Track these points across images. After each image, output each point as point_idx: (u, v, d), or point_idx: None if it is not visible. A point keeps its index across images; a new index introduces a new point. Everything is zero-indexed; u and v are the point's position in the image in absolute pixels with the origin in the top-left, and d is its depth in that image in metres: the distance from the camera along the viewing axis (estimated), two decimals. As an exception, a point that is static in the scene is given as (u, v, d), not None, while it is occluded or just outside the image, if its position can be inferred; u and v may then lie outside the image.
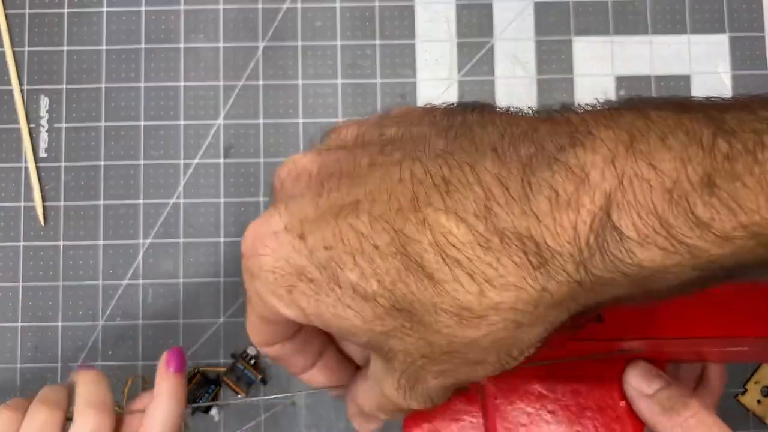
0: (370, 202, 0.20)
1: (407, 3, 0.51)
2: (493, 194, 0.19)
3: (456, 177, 0.19)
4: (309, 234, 0.21)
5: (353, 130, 0.24)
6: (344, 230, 0.20)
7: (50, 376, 0.48)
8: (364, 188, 0.21)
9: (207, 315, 0.48)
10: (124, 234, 0.49)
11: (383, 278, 0.20)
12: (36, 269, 0.48)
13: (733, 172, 0.17)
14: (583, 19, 0.51)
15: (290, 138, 0.50)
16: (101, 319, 0.48)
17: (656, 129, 0.18)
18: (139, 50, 0.50)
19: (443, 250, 0.19)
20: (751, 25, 0.51)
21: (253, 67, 0.50)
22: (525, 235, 0.18)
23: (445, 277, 0.19)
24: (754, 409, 0.48)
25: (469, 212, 0.19)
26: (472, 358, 0.21)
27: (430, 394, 0.23)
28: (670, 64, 0.50)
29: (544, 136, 0.19)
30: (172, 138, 0.50)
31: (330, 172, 0.22)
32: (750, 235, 0.17)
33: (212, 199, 0.49)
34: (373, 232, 0.20)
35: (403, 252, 0.19)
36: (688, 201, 0.17)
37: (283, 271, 0.21)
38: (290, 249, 0.21)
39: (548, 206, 0.18)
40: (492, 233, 0.19)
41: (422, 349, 0.21)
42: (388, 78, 0.50)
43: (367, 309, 0.20)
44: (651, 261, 0.18)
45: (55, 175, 0.49)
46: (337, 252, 0.20)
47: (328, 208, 0.21)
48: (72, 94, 0.50)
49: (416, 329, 0.20)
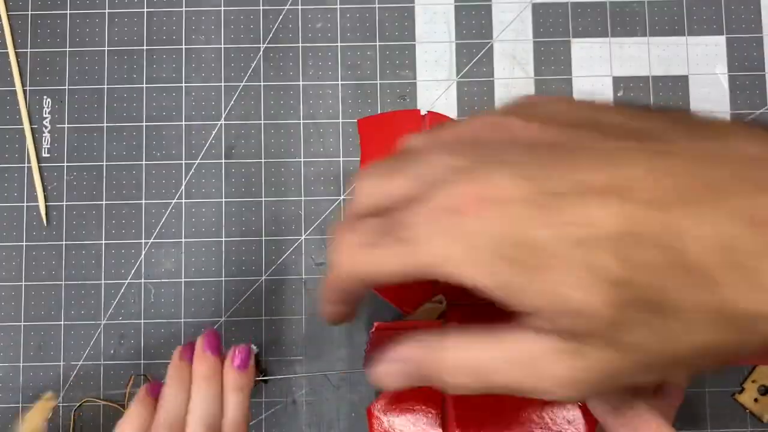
0: (632, 186, 0.19)
1: (407, 4, 0.51)
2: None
3: (729, 177, 0.19)
4: (555, 207, 0.20)
5: (562, 107, 0.23)
6: (602, 210, 0.19)
7: (53, 375, 0.48)
8: (621, 171, 0.19)
9: (208, 314, 0.49)
10: (126, 234, 0.49)
11: (642, 267, 0.19)
12: (38, 269, 0.49)
13: None
14: (582, 20, 0.51)
15: (291, 138, 0.50)
16: (103, 318, 0.49)
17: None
18: (141, 51, 0.50)
19: (722, 249, 0.18)
20: (749, 26, 0.51)
21: (255, 68, 0.50)
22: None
23: (718, 277, 0.18)
24: (751, 407, 0.48)
25: (755, 217, 0.18)
26: (694, 360, 0.20)
27: (595, 389, 0.21)
28: (668, 66, 0.51)
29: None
30: (174, 138, 0.50)
31: (561, 143, 0.21)
32: None
33: (214, 199, 0.49)
34: (639, 218, 0.19)
35: (670, 245, 0.18)
36: None
37: (513, 240, 0.20)
38: (528, 219, 0.20)
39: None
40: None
41: (647, 345, 0.20)
42: (388, 79, 0.50)
43: (613, 295, 0.19)
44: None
45: (58, 176, 0.49)
46: (593, 231, 0.19)
47: (576, 183, 0.20)
48: (74, 95, 0.50)
49: (655, 325, 0.19)
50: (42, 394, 0.44)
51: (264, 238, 0.49)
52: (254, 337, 0.49)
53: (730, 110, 0.51)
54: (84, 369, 0.48)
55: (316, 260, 0.49)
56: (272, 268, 0.49)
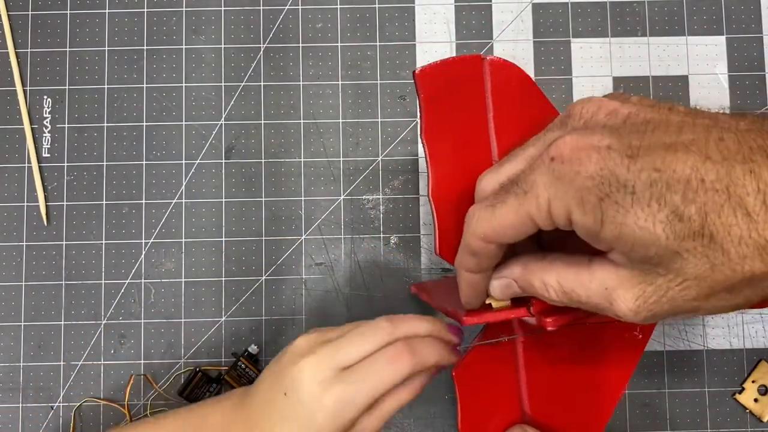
0: (697, 146, 0.25)
1: (407, 4, 0.51)
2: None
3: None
4: (639, 156, 0.25)
5: (640, 98, 0.28)
6: (675, 161, 0.24)
7: (53, 374, 0.48)
8: (688, 135, 0.25)
9: (208, 314, 0.49)
10: (126, 234, 0.49)
11: (701, 206, 0.24)
12: (39, 269, 0.49)
13: None
14: (582, 20, 0.51)
15: (291, 138, 0.50)
16: (103, 318, 0.49)
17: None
18: (141, 51, 0.50)
19: (765, 195, 0.24)
20: (749, 26, 0.51)
21: (255, 67, 0.50)
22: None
23: (760, 216, 0.23)
24: (751, 407, 0.48)
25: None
26: (737, 287, 0.25)
27: (659, 312, 0.26)
28: (668, 66, 0.51)
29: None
30: (174, 138, 0.50)
31: (646, 118, 0.27)
32: None
33: (214, 199, 0.49)
34: (702, 167, 0.24)
35: (725, 190, 0.24)
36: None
37: (604, 179, 0.25)
38: (617, 163, 0.25)
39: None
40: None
41: (702, 272, 0.25)
42: (388, 79, 0.50)
43: (678, 227, 0.24)
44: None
45: (58, 175, 0.49)
46: (666, 175, 0.24)
47: (655, 141, 0.25)
48: (74, 95, 0.50)
49: (710, 254, 0.24)
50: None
51: (264, 238, 0.49)
52: (254, 337, 0.49)
53: (730, 110, 0.51)
54: (84, 369, 0.48)
55: (316, 260, 0.49)
56: (272, 268, 0.49)
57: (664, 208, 0.24)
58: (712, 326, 0.49)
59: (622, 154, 0.25)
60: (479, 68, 0.37)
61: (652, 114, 0.27)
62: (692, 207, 0.24)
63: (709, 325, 0.49)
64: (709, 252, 0.24)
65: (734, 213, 0.24)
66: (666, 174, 0.24)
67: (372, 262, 0.49)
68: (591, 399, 0.39)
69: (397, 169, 0.50)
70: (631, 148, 0.25)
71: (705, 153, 0.24)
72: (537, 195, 0.27)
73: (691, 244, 0.24)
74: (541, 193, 0.27)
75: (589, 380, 0.39)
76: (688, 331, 0.49)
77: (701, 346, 0.49)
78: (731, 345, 0.49)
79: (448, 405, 0.49)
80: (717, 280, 0.25)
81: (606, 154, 0.25)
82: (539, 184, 0.27)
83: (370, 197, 0.50)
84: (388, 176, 0.50)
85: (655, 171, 0.24)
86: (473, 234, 0.30)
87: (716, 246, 0.24)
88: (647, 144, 0.25)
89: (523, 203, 0.27)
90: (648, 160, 0.25)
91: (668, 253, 0.25)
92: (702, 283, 0.25)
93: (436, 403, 0.48)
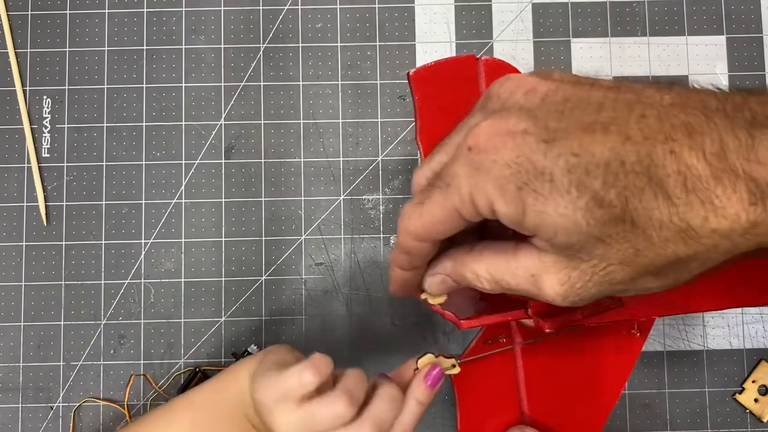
0: (617, 125, 0.24)
1: (407, 4, 0.51)
2: (726, 141, 0.23)
3: (695, 122, 0.23)
4: (556, 140, 0.24)
5: (563, 73, 0.27)
6: (594, 143, 0.23)
7: (53, 375, 0.48)
8: (608, 114, 0.24)
9: (208, 314, 0.49)
10: (126, 234, 0.49)
11: (622, 190, 0.23)
12: (38, 269, 0.49)
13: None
14: (582, 20, 0.51)
15: (291, 138, 0.50)
16: (103, 318, 0.49)
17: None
18: (140, 51, 0.50)
19: (685, 177, 0.23)
20: (749, 26, 0.51)
21: (254, 68, 0.50)
22: (749, 176, 0.23)
23: (681, 200, 0.23)
24: (751, 407, 0.48)
25: (708, 151, 0.23)
26: (663, 270, 0.25)
27: (586, 296, 0.26)
28: (668, 65, 0.51)
29: (756, 106, 0.24)
30: (174, 138, 0.50)
31: (565, 96, 0.25)
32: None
33: (213, 199, 0.49)
34: (622, 149, 0.23)
35: (645, 173, 0.23)
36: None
37: (521, 167, 0.24)
38: (534, 149, 0.24)
39: (767, 155, 0.23)
40: (723, 171, 0.23)
41: (625, 257, 0.24)
42: (388, 79, 0.50)
43: (598, 213, 0.23)
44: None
45: (58, 176, 0.49)
46: (585, 160, 0.23)
47: (574, 122, 0.24)
48: (74, 95, 0.50)
49: (632, 239, 0.24)
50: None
51: (264, 238, 0.49)
52: (254, 337, 0.49)
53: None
54: (84, 369, 0.48)
55: (316, 260, 0.49)
56: (272, 268, 0.49)
57: (584, 195, 0.23)
58: (712, 326, 0.49)
59: (538, 138, 0.24)
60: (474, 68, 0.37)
61: (573, 91, 0.25)
62: (612, 192, 0.23)
63: (709, 325, 0.49)
64: (632, 237, 0.24)
65: (655, 196, 0.23)
66: (584, 158, 0.23)
67: (372, 262, 0.49)
68: (590, 399, 0.39)
69: (397, 169, 0.50)
70: (548, 131, 0.24)
71: (625, 133, 0.23)
72: (459, 187, 0.26)
73: (613, 230, 0.24)
74: (462, 185, 0.25)
75: (587, 380, 0.39)
76: (688, 331, 0.49)
77: (701, 346, 0.49)
78: (731, 345, 0.49)
79: (448, 405, 0.49)
80: (641, 264, 0.24)
81: (522, 139, 0.24)
82: (460, 176, 0.26)
83: (370, 197, 0.50)
84: (388, 176, 0.50)
85: (573, 156, 0.23)
86: (405, 233, 0.29)
87: (638, 231, 0.24)
88: (565, 126, 0.24)
89: (448, 197, 0.26)
90: (565, 144, 0.24)
91: (590, 239, 0.24)
92: (626, 268, 0.25)
93: (436, 403, 0.48)
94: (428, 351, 0.36)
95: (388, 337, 0.49)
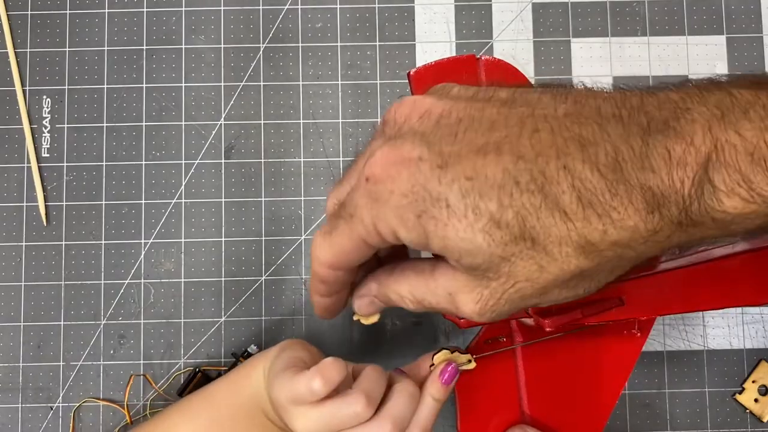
0: (509, 144, 0.23)
1: (407, 4, 0.51)
2: (620, 150, 0.23)
3: (588, 133, 0.23)
4: (450, 165, 0.24)
5: (461, 89, 0.27)
6: (487, 165, 0.23)
7: (52, 375, 0.48)
8: (501, 132, 0.24)
9: (208, 314, 0.49)
10: (125, 234, 0.49)
11: (519, 210, 0.23)
12: (38, 269, 0.49)
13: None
14: (582, 20, 0.51)
15: (291, 138, 0.50)
16: (103, 318, 0.49)
17: (739, 104, 0.23)
18: (140, 51, 0.50)
19: (579, 192, 0.23)
20: (749, 26, 0.51)
21: (254, 67, 0.50)
22: (644, 186, 0.23)
23: (577, 216, 0.23)
24: (751, 407, 0.48)
25: (602, 163, 0.23)
26: (570, 283, 0.25)
27: (502, 311, 0.26)
28: (668, 65, 0.51)
29: (653, 109, 0.23)
30: (174, 138, 0.50)
31: (459, 117, 0.25)
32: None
33: (213, 199, 0.49)
34: (515, 169, 0.23)
35: (541, 190, 0.23)
36: (765, 161, 0.22)
37: (418, 196, 0.24)
38: (428, 177, 0.24)
39: (662, 163, 0.22)
40: (619, 182, 0.23)
41: (531, 274, 0.24)
42: (388, 79, 0.50)
43: (498, 235, 0.23)
44: (734, 208, 0.22)
45: (58, 175, 0.49)
46: (479, 183, 0.23)
47: (467, 144, 0.24)
48: (74, 95, 0.50)
49: (535, 256, 0.24)
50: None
51: (264, 238, 0.49)
52: (254, 337, 0.49)
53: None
54: (84, 369, 0.48)
55: (316, 260, 0.49)
56: (272, 268, 0.49)
57: (480, 218, 0.23)
58: (712, 326, 0.49)
59: (432, 164, 0.24)
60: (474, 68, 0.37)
61: (466, 110, 0.25)
62: (509, 212, 0.23)
63: (709, 325, 0.49)
64: (534, 254, 0.24)
65: (551, 214, 0.23)
66: (478, 182, 0.23)
67: (372, 262, 0.49)
68: (590, 398, 0.39)
69: (396, 169, 0.50)
70: (442, 155, 0.24)
71: (517, 152, 0.23)
72: (362, 218, 0.26)
73: (515, 249, 0.24)
74: (365, 216, 0.25)
75: (587, 380, 0.39)
76: (688, 331, 0.49)
77: (701, 346, 0.49)
78: (731, 345, 0.49)
79: (448, 405, 0.49)
80: (548, 279, 0.24)
81: (416, 168, 0.24)
82: (361, 206, 0.26)
83: (369, 197, 0.49)
84: (387, 176, 0.50)
85: (467, 180, 0.23)
86: (317, 263, 0.29)
87: (539, 248, 0.24)
88: (458, 149, 0.24)
89: (353, 228, 0.26)
90: (459, 168, 0.23)
91: (495, 259, 0.24)
92: (534, 284, 0.25)
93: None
94: (444, 347, 0.36)
95: (388, 336, 0.49)
